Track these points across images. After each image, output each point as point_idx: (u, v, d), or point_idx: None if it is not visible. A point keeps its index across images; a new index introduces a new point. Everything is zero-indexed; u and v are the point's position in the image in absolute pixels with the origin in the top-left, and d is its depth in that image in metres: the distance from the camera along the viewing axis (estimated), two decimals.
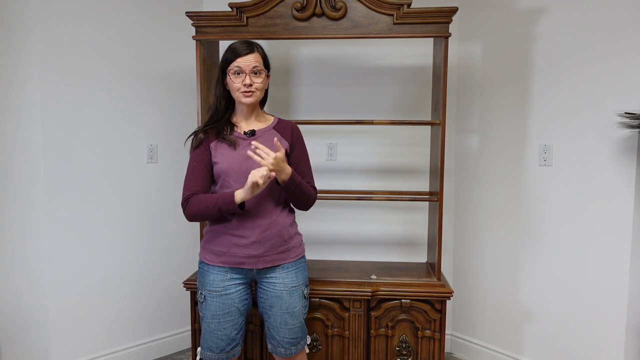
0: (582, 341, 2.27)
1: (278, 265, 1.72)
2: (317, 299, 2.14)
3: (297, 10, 2.09)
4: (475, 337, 2.75)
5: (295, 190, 1.66)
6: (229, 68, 1.66)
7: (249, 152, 1.55)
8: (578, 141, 2.24)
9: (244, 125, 1.75)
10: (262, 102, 1.82)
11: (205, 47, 2.19)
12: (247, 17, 2.11)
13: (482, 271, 2.68)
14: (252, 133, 1.72)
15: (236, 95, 1.69)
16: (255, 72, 1.66)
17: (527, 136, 2.43)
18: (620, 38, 2.08)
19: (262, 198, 1.67)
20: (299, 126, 2.89)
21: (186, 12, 2.12)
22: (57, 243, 2.40)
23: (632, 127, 1.99)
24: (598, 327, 2.21)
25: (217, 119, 1.74)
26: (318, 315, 2.15)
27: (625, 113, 1.99)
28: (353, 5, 2.08)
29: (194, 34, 2.14)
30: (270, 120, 1.80)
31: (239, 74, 1.65)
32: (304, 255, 1.81)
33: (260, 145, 1.55)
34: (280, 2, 2.09)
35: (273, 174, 1.55)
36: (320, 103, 2.80)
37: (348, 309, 2.14)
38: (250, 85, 1.65)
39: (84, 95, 2.44)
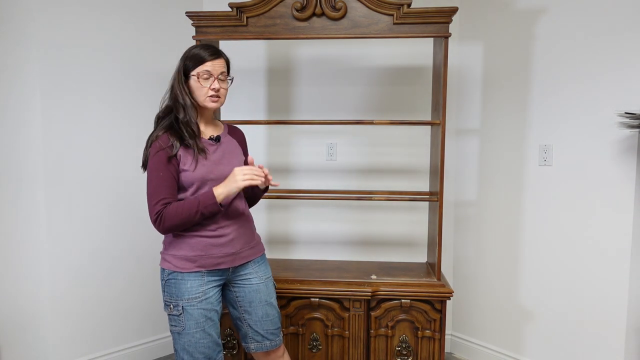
0: (582, 341, 2.27)
1: (250, 261, 1.77)
2: (317, 299, 2.14)
3: (297, 10, 2.09)
4: (475, 337, 2.75)
5: (264, 191, 1.83)
6: (198, 71, 1.64)
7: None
8: (578, 141, 2.24)
9: (203, 129, 1.74)
10: None
11: None
12: (247, 17, 2.11)
13: (482, 271, 2.68)
14: (217, 139, 1.73)
15: (202, 99, 1.67)
16: (221, 78, 1.67)
17: (527, 136, 2.43)
18: (620, 38, 2.07)
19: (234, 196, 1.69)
20: (299, 126, 2.89)
21: (186, 12, 2.12)
22: (56, 243, 2.40)
23: (632, 127, 1.99)
24: (598, 327, 2.21)
25: (190, 129, 1.65)
26: (318, 315, 2.16)
27: (625, 113, 1.98)
28: (353, 5, 2.08)
29: (194, 34, 2.14)
30: (221, 126, 1.83)
31: (207, 78, 1.65)
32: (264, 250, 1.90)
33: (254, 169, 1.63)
34: (280, 2, 2.09)
35: (263, 179, 1.62)
36: (321, 103, 2.80)
37: (348, 309, 2.14)
38: (218, 90, 1.66)
39: (84, 96, 2.44)
